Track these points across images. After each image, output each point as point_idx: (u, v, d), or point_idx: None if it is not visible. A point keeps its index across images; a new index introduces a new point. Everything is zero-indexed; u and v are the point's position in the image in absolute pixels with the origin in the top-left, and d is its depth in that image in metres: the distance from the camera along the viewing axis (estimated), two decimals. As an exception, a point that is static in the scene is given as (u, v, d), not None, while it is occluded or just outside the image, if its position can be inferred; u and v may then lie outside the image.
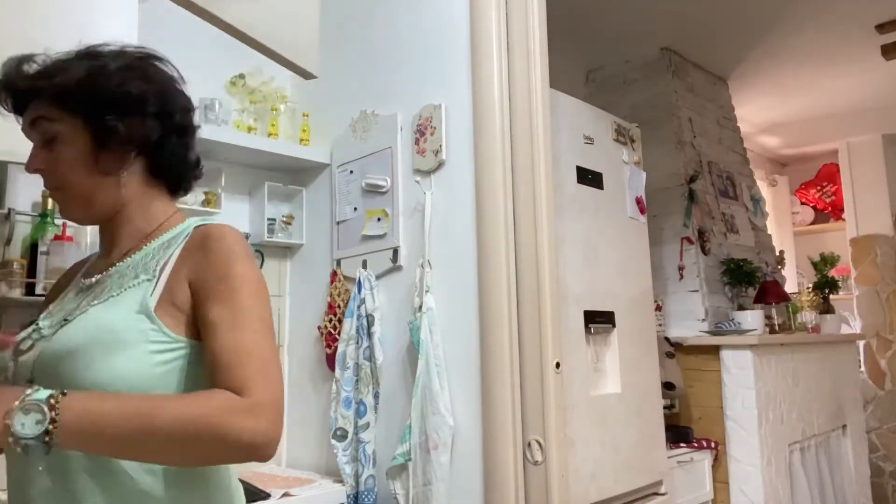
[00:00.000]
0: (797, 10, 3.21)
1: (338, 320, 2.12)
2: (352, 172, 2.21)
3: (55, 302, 1.02)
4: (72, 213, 0.98)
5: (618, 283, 2.29)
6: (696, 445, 2.75)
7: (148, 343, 0.86)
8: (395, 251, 2.03)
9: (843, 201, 5.17)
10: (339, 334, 2.09)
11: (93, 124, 0.92)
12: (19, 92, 0.94)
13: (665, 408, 2.58)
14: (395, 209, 2.05)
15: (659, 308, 3.05)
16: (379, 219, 2.09)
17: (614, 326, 2.23)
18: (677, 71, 3.56)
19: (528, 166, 1.79)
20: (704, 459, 2.78)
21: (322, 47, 2.43)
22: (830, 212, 5.54)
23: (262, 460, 0.80)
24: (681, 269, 3.16)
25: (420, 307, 1.90)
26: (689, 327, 3.07)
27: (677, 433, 2.73)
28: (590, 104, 2.36)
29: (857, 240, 4.90)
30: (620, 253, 2.32)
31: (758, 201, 3.88)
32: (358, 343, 2.03)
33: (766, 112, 4.57)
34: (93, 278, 0.98)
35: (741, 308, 3.18)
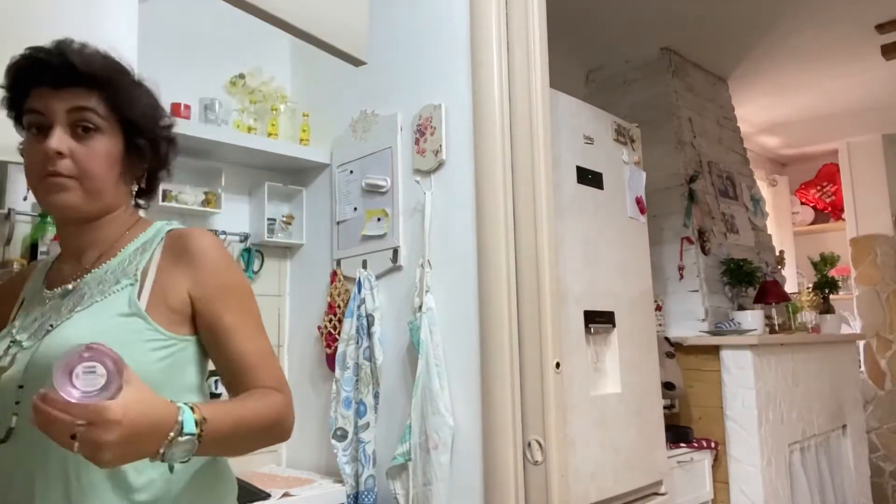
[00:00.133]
0: (797, 10, 3.21)
1: (338, 320, 2.12)
2: (352, 172, 2.21)
3: (17, 316, 1.02)
4: (75, 203, 0.96)
5: (618, 283, 2.29)
6: (696, 445, 2.75)
7: (144, 342, 0.92)
8: (395, 251, 2.03)
9: (843, 201, 5.17)
10: (339, 334, 2.09)
11: (130, 140, 1.00)
12: (80, 74, 0.94)
13: (665, 408, 2.58)
14: (395, 209, 2.05)
15: (659, 308, 3.05)
16: (379, 219, 2.09)
17: (614, 326, 2.23)
18: (677, 71, 3.56)
19: (528, 166, 1.78)
20: (704, 459, 2.78)
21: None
22: (830, 212, 5.53)
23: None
24: (681, 269, 3.16)
25: (420, 307, 1.90)
26: (689, 327, 3.07)
27: (677, 433, 2.73)
28: (590, 104, 2.36)
29: (857, 240, 4.90)
30: (620, 253, 2.32)
31: (758, 201, 3.88)
32: (358, 343, 2.03)
33: (766, 112, 4.57)
34: (69, 285, 0.99)
35: (741, 308, 3.18)
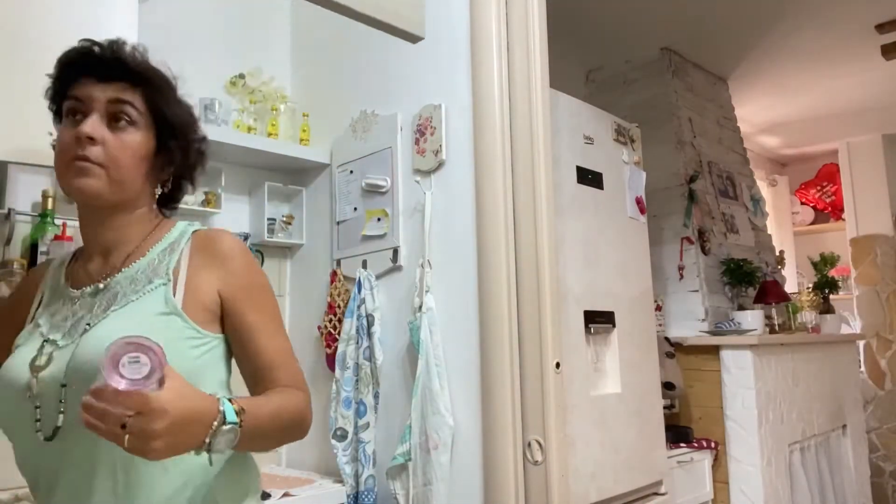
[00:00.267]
0: (797, 10, 3.20)
1: (338, 320, 2.12)
2: (352, 172, 2.21)
3: (39, 315, 1.02)
4: (97, 189, 0.96)
5: (618, 283, 2.29)
6: (696, 445, 2.75)
7: (183, 340, 0.95)
8: (395, 251, 2.03)
9: (843, 201, 5.17)
10: (338, 334, 2.09)
11: (162, 140, 1.03)
12: (127, 69, 0.99)
13: (665, 408, 2.58)
14: (395, 209, 2.05)
15: (659, 308, 3.05)
16: (379, 219, 2.09)
17: (614, 326, 2.23)
18: (677, 71, 3.55)
19: (528, 166, 1.78)
20: (704, 459, 2.78)
21: (322, 47, 2.44)
22: (830, 212, 5.53)
23: None
24: (681, 269, 3.16)
25: (420, 307, 1.90)
26: (689, 327, 3.07)
27: (677, 433, 2.73)
28: (590, 104, 2.36)
29: (857, 240, 4.90)
30: (620, 253, 2.32)
31: (758, 201, 3.87)
32: (358, 343, 2.03)
33: (766, 112, 4.57)
34: (99, 284, 1.00)
35: (741, 308, 3.18)
